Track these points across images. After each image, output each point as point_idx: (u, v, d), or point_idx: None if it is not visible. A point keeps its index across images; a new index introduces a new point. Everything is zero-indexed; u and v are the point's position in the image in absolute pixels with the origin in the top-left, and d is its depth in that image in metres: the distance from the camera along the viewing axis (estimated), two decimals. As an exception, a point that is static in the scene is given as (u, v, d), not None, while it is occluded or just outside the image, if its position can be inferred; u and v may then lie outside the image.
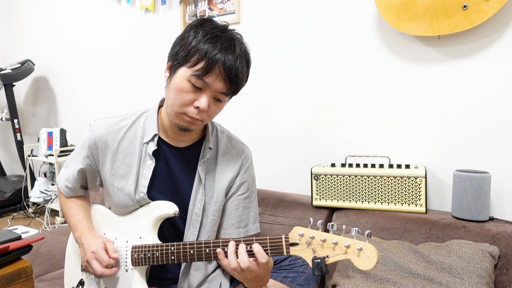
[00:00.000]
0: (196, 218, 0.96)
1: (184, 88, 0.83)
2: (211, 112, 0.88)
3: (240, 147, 1.04)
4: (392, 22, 1.31)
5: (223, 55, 0.81)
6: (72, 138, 2.91)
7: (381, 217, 1.24)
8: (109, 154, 0.96)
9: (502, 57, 1.22)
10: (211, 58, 0.80)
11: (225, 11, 1.86)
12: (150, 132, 0.95)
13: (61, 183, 1.05)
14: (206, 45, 0.81)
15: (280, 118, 1.73)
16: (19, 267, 0.79)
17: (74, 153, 1.03)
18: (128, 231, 0.96)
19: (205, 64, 0.80)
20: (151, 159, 0.94)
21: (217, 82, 0.82)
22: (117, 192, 0.95)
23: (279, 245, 0.77)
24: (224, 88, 0.84)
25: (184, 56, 0.83)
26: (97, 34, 2.60)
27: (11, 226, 2.60)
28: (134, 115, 1.00)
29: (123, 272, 0.93)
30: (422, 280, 0.98)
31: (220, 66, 0.81)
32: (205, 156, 0.97)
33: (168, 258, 0.87)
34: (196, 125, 0.89)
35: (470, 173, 1.16)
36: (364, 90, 1.48)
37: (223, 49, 0.81)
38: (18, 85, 3.14)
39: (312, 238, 0.73)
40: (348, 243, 0.69)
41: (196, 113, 0.85)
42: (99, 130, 0.96)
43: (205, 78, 0.81)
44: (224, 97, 0.87)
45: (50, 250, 1.42)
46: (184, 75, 0.83)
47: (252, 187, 1.05)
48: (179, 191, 0.97)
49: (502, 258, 1.04)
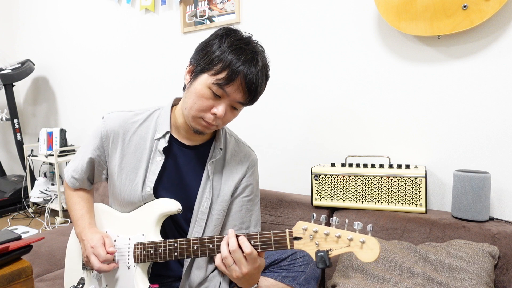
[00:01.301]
0: (201, 216, 0.97)
1: (205, 94, 0.86)
2: (226, 118, 0.91)
3: (247, 151, 1.07)
4: (392, 22, 1.31)
5: (246, 68, 0.84)
6: (72, 138, 2.91)
7: (381, 217, 1.24)
8: (119, 147, 0.98)
9: (502, 57, 1.22)
10: (234, 70, 0.83)
11: (225, 11, 1.86)
12: (163, 129, 0.97)
13: (67, 174, 1.06)
14: (230, 56, 0.84)
15: (280, 118, 1.73)
16: (19, 267, 0.79)
17: (84, 144, 1.04)
18: (131, 229, 0.96)
19: (228, 74, 0.83)
20: (161, 155, 0.96)
21: (236, 93, 0.86)
22: (124, 186, 0.97)
23: (283, 239, 0.78)
24: (243, 99, 0.88)
25: (208, 64, 0.86)
26: (97, 34, 2.60)
27: (11, 226, 2.60)
28: (147, 111, 1.02)
29: (125, 269, 0.93)
30: (422, 280, 0.98)
31: (242, 78, 0.84)
32: (215, 156, 0.99)
33: (171, 255, 0.88)
34: (211, 130, 0.93)
35: (470, 173, 1.16)
36: (364, 90, 1.48)
37: (247, 62, 0.84)
38: (18, 85, 3.14)
39: (316, 232, 0.75)
40: (351, 236, 0.70)
41: (212, 119, 0.88)
42: (112, 122, 0.98)
43: (226, 87, 0.85)
44: (240, 106, 0.90)
45: (50, 250, 1.42)
46: (206, 82, 0.86)
47: (256, 191, 1.07)
48: (186, 189, 0.99)
49: (502, 258, 1.04)
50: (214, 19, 1.90)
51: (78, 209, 1.03)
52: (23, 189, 2.92)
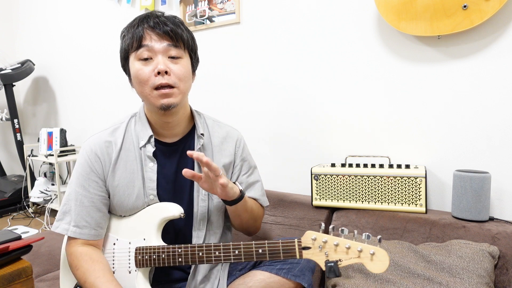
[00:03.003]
0: (202, 204, 0.98)
1: (138, 67, 0.89)
2: (177, 73, 0.89)
3: (229, 130, 1.08)
4: (392, 22, 1.31)
5: (144, 23, 0.89)
6: (72, 138, 2.91)
7: (381, 217, 1.24)
8: (109, 167, 0.94)
9: (502, 57, 1.22)
10: (136, 30, 0.89)
11: (225, 11, 1.86)
12: (145, 135, 0.96)
13: (71, 231, 0.91)
14: (129, 31, 0.91)
15: (280, 118, 1.73)
16: (19, 267, 0.79)
17: (72, 191, 0.93)
18: (131, 232, 0.95)
19: (135, 37, 0.88)
20: (152, 161, 0.95)
21: (154, 41, 0.88)
22: (124, 202, 0.94)
23: (291, 249, 0.78)
24: (166, 41, 0.88)
25: (125, 54, 0.92)
26: (97, 34, 2.60)
27: (11, 226, 2.60)
28: (122, 122, 1.00)
29: (126, 273, 0.92)
30: (422, 280, 0.98)
31: (147, 30, 0.88)
32: (199, 143, 0.99)
33: (175, 260, 0.86)
34: (175, 95, 0.89)
35: (470, 173, 1.16)
36: (364, 90, 1.48)
37: (141, 20, 0.90)
38: (18, 85, 3.14)
39: (325, 242, 0.75)
40: (360, 247, 0.71)
41: (162, 79, 0.87)
42: (94, 146, 0.95)
43: (143, 44, 0.87)
44: (176, 51, 0.89)
45: (50, 250, 1.42)
46: (133, 61, 0.90)
47: (251, 163, 1.10)
48: (182, 185, 0.98)
49: (502, 258, 1.04)
50: (214, 19, 1.90)
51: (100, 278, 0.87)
52: (23, 189, 2.92)
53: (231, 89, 1.88)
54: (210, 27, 1.92)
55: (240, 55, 1.83)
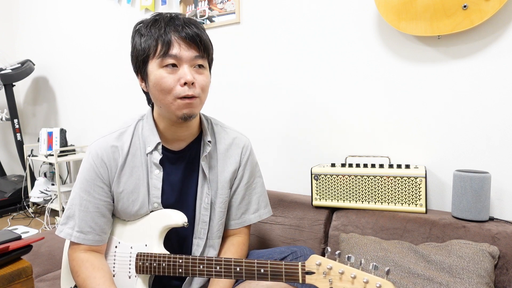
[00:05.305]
0: (204, 212, 0.97)
1: (162, 75, 0.84)
2: (201, 84, 0.87)
3: (236, 136, 1.05)
4: (392, 22, 1.31)
5: (171, 27, 0.84)
6: (72, 138, 2.91)
7: (381, 217, 1.24)
8: (115, 172, 0.92)
9: (502, 57, 1.22)
10: (163, 35, 0.83)
11: (225, 11, 1.86)
12: (152, 141, 0.93)
13: (75, 237, 0.90)
14: (152, 31, 0.84)
15: (280, 118, 1.73)
16: (19, 267, 0.79)
17: (76, 195, 0.92)
18: (133, 237, 0.94)
19: (162, 42, 0.83)
20: (158, 168, 0.93)
21: (183, 50, 0.84)
22: (128, 208, 0.93)
23: (294, 272, 0.76)
24: (194, 51, 0.85)
25: (144, 56, 0.86)
26: (97, 34, 2.60)
27: (11, 226, 2.60)
28: (129, 126, 0.97)
29: (125, 278, 0.91)
30: (422, 280, 0.98)
31: (175, 35, 0.84)
32: (206, 150, 0.97)
33: (176, 271, 0.85)
34: (196, 105, 0.88)
35: (470, 173, 1.16)
36: (364, 90, 1.48)
37: (168, 23, 0.84)
38: (18, 85, 3.14)
39: (330, 268, 0.72)
40: (367, 278, 0.68)
41: (187, 90, 0.84)
42: (101, 151, 0.92)
43: (170, 52, 0.83)
44: (201, 61, 0.87)
45: (50, 250, 1.42)
46: (155, 67, 0.85)
47: (257, 173, 1.07)
48: (187, 192, 0.97)
49: (502, 258, 1.04)
50: (214, 19, 1.90)
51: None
52: (23, 189, 2.92)
53: (231, 89, 1.88)
54: (210, 27, 1.92)
55: (240, 55, 1.83)
